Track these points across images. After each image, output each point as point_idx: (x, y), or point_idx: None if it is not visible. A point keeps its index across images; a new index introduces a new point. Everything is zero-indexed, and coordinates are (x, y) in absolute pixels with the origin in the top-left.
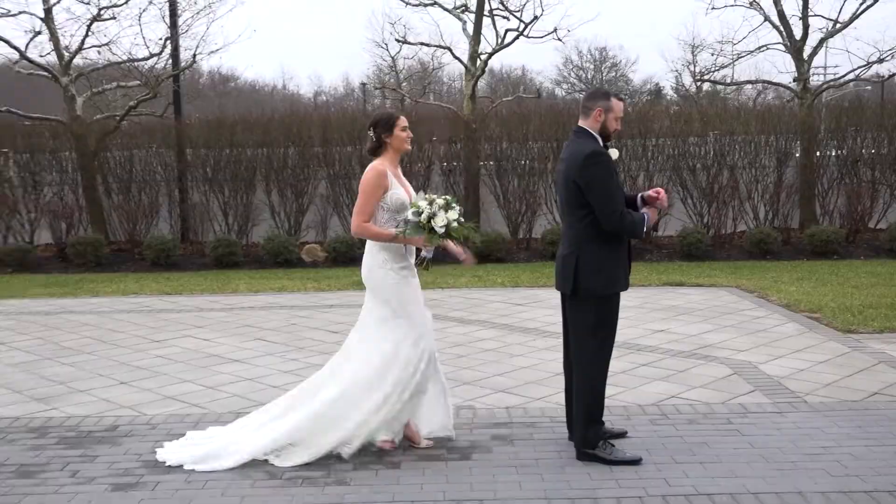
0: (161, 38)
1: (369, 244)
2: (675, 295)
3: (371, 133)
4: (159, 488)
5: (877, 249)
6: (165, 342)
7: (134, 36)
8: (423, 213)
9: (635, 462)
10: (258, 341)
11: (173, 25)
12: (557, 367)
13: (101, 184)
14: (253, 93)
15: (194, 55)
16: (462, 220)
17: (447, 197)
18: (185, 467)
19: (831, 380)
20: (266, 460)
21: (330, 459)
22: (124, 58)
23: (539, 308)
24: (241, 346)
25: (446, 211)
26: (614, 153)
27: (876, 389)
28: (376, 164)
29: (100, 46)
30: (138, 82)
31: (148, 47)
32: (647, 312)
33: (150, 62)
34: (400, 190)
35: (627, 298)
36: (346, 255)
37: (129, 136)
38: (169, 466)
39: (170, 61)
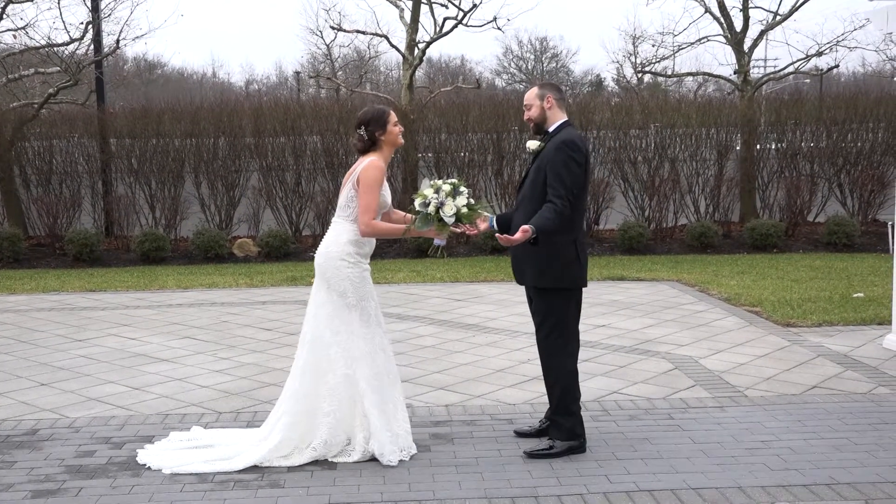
0: (82, 22)
1: (334, 232)
2: (617, 289)
3: (362, 132)
4: (83, 494)
5: (815, 243)
6: (89, 341)
7: (53, 19)
8: (430, 203)
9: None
10: (187, 340)
11: (95, 9)
12: (498, 363)
13: (18, 175)
14: (181, 80)
15: (118, 40)
16: (472, 202)
17: (453, 181)
18: (165, 471)
19: (771, 374)
20: (264, 466)
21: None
22: (43, 42)
23: (479, 304)
24: (169, 344)
25: (454, 198)
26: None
27: (814, 383)
28: (377, 162)
29: (16, 30)
30: (58, 68)
31: (68, 31)
32: (588, 307)
33: (71, 47)
34: (385, 191)
35: None
36: (280, 250)
37: (48, 124)
38: (149, 469)
39: (92, 47)
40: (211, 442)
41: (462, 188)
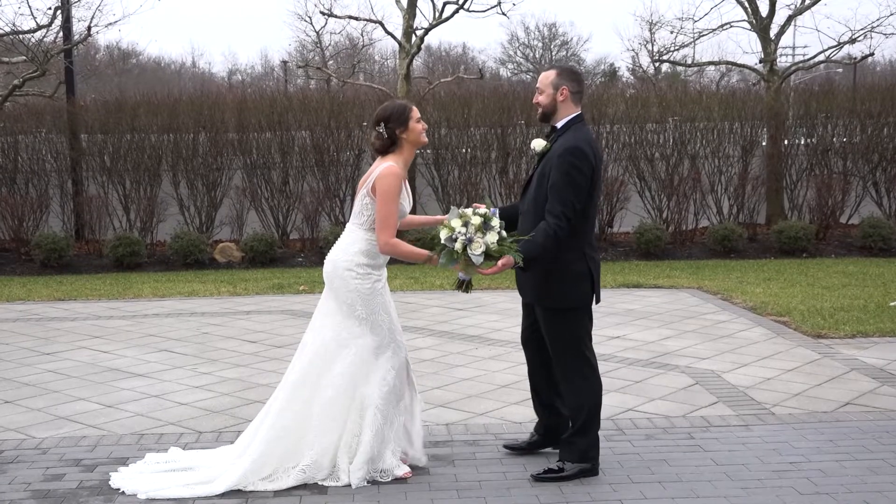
0: (50, 8)
1: (346, 240)
2: (632, 297)
3: (382, 129)
4: None
5: (848, 247)
6: (57, 355)
7: (19, 4)
8: (457, 239)
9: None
10: (164, 353)
11: None
12: (503, 378)
13: None
14: (158, 71)
15: (89, 27)
16: (504, 234)
17: (485, 211)
18: (140, 496)
19: (800, 389)
20: (245, 490)
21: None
22: (7, 29)
23: (482, 313)
24: (144, 358)
25: (484, 233)
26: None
27: (847, 399)
28: (395, 169)
29: None
30: (24, 58)
31: (35, 18)
32: (602, 317)
33: (38, 35)
34: (404, 199)
35: None
36: (265, 255)
37: (13, 119)
38: (123, 494)
39: (61, 34)
40: (190, 464)
41: (493, 221)
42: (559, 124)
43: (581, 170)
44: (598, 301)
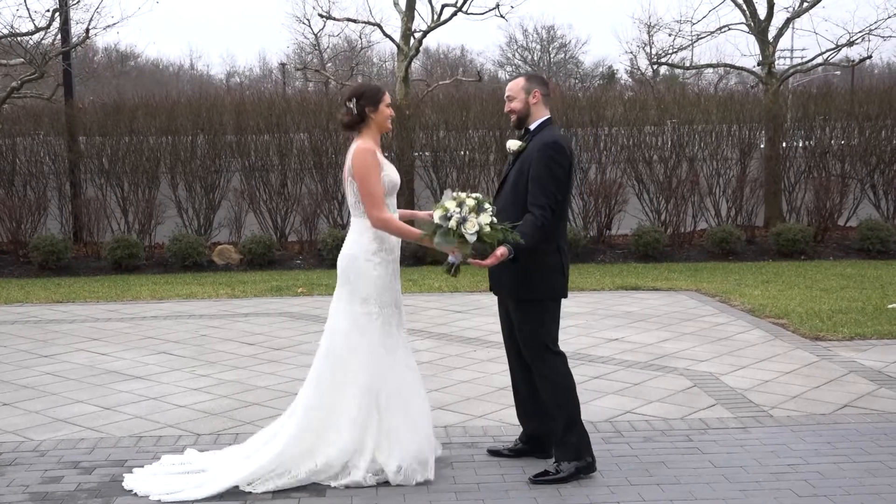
0: (48, 10)
1: (355, 231)
2: (631, 300)
3: (352, 105)
4: None
5: (846, 249)
6: (55, 357)
7: (16, 6)
8: (451, 217)
9: None
10: (163, 355)
11: None
12: (501, 380)
13: None
14: (156, 73)
15: (87, 29)
16: (495, 220)
17: (477, 195)
18: (152, 498)
19: (798, 392)
20: (245, 490)
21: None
22: (5, 31)
23: (480, 315)
24: (142, 360)
25: (478, 214)
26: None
27: (846, 402)
28: (362, 144)
29: None
30: (22, 60)
31: (33, 20)
32: (600, 319)
33: (36, 37)
34: (390, 169)
35: (578, 304)
36: (263, 258)
37: (11, 121)
38: (136, 495)
39: (59, 36)
40: (205, 466)
41: (486, 205)
42: (532, 126)
43: (560, 163)
44: (565, 295)
